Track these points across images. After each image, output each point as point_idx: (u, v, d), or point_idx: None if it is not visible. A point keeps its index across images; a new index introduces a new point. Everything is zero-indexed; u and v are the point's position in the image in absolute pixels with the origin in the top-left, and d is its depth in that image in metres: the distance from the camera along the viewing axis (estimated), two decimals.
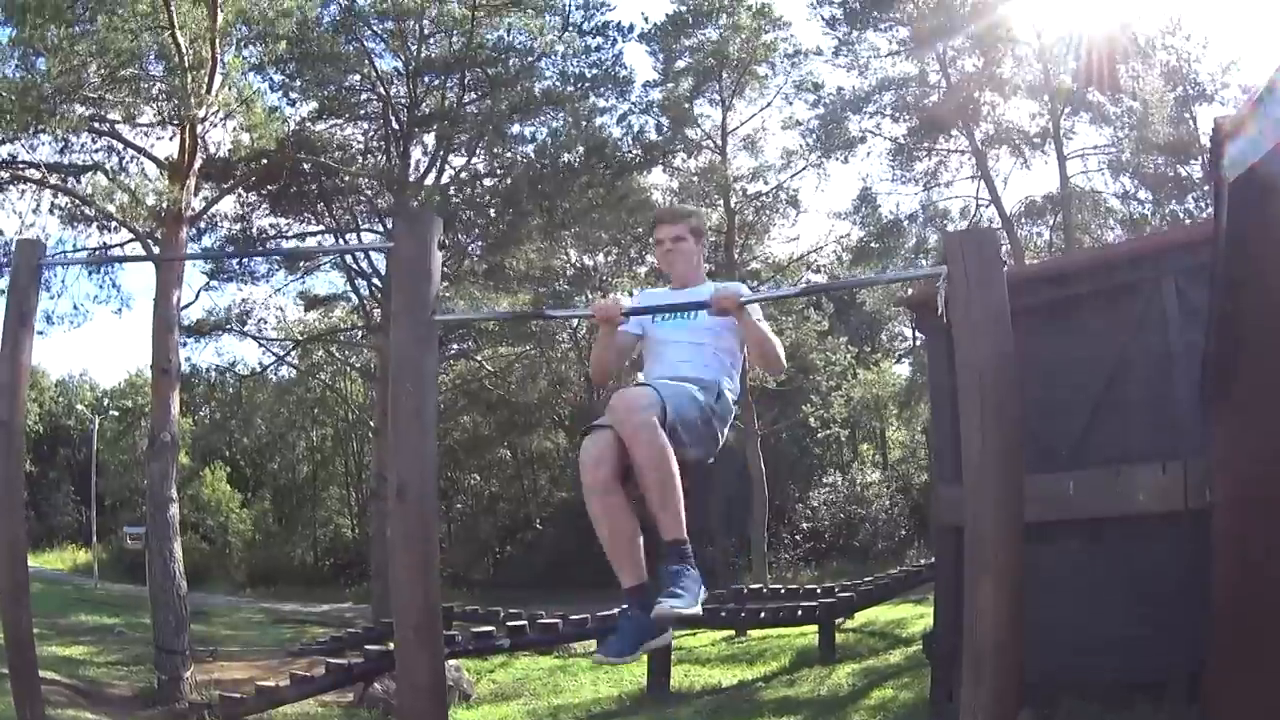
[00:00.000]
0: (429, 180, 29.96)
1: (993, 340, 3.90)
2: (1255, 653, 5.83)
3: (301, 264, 31.61)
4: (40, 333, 23.62)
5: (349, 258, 31.33)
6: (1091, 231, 31.57)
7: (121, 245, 23.19)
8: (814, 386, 37.18)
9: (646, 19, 32.46)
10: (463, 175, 31.52)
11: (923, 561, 27.52)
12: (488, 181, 31.71)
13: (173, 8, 18.77)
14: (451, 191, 30.20)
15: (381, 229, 30.86)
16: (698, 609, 4.24)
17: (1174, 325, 9.96)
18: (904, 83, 32.15)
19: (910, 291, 26.81)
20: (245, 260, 30.68)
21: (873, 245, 33.12)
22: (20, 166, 22.36)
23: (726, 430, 4.86)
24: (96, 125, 21.92)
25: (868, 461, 45.95)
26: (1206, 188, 26.68)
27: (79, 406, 57.77)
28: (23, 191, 22.95)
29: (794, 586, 26.85)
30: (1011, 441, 3.87)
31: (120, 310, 26.27)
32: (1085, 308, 10.98)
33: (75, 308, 25.86)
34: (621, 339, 5.00)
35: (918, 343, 40.76)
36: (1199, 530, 8.54)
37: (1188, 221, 27.77)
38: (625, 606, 4.35)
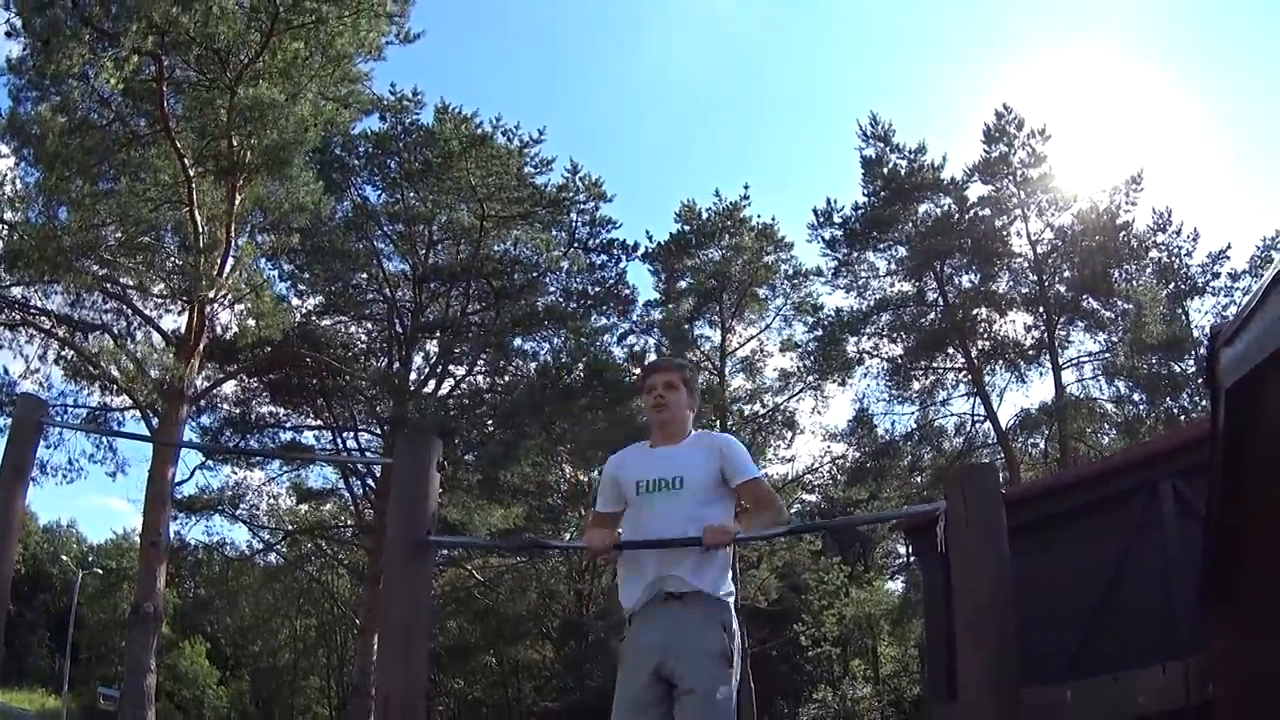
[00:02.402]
0: (429, 387, 30.24)
1: (990, 572, 3.95)
2: None
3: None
4: (33, 479, 23.63)
5: (343, 452, 31.37)
6: (1087, 438, 31.66)
7: (122, 410, 23.42)
8: (806, 606, 36.80)
9: (651, 238, 33.03)
10: (463, 387, 31.81)
11: None
12: (487, 394, 31.88)
13: (194, 185, 19.33)
14: (450, 405, 30.37)
15: (379, 431, 30.92)
16: None
17: (1171, 526, 9.87)
18: (902, 302, 32.78)
19: (906, 504, 26.79)
20: (242, 442, 30.68)
21: (868, 465, 33.06)
22: (32, 312, 22.79)
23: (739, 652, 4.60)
24: (108, 287, 22.35)
25: (859, 677, 45.08)
26: (1200, 381, 26.90)
27: (64, 557, 58.11)
28: (31, 336, 23.29)
29: None
30: (1008, 667, 3.89)
31: (115, 474, 26.18)
32: (1082, 519, 10.94)
33: (70, 463, 25.83)
34: (608, 525, 4.78)
35: (911, 561, 40.50)
36: None
37: (1183, 419, 28.03)
38: None
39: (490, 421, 30.62)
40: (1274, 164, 60.12)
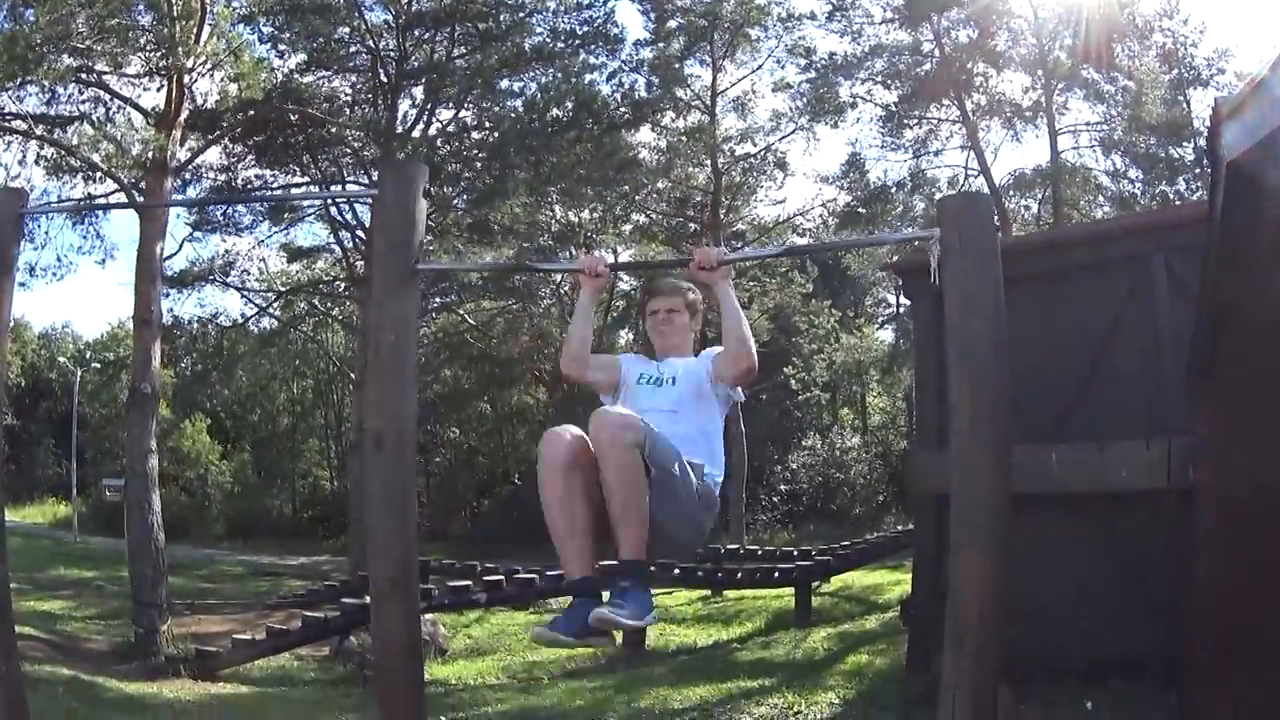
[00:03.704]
0: (416, 132, 29.73)
1: (984, 305, 3.81)
2: (1239, 641, 5.76)
3: (286, 215, 31.33)
4: (23, 285, 23.43)
5: (333, 209, 31.16)
6: (1081, 208, 31.51)
7: (106, 196, 22.92)
8: (796, 349, 37.17)
9: None
10: (450, 128, 31.28)
11: (900, 528, 27.52)
12: (475, 135, 31.51)
13: None
14: (439, 143, 30.00)
15: (367, 180, 30.60)
16: (640, 623, 4.32)
17: (1162, 302, 9.86)
18: (897, 50, 32.02)
19: (897, 257, 26.86)
20: (229, 210, 30.42)
21: (860, 211, 32.98)
22: (7, 118, 22.12)
23: (709, 524, 4.72)
24: (84, 76, 21.65)
25: (847, 426, 45.93)
26: (1199, 170, 26.67)
27: (61, 359, 57.51)
28: (9, 144, 22.69)
29: (771, 548, 26.88)
30: (1000, 409, 3.79)
31: (104, 261, 25.86)
32: (1073, 280, 10.87)
33: (59, 259, 25.68)
34: (603, 359, 5.10)
35: (901, 309, 40.84)
36: (1183, 509, 8.42)
37: (1178, 203, 27.71)
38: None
39: (478, 159, 30.41)
40: None
